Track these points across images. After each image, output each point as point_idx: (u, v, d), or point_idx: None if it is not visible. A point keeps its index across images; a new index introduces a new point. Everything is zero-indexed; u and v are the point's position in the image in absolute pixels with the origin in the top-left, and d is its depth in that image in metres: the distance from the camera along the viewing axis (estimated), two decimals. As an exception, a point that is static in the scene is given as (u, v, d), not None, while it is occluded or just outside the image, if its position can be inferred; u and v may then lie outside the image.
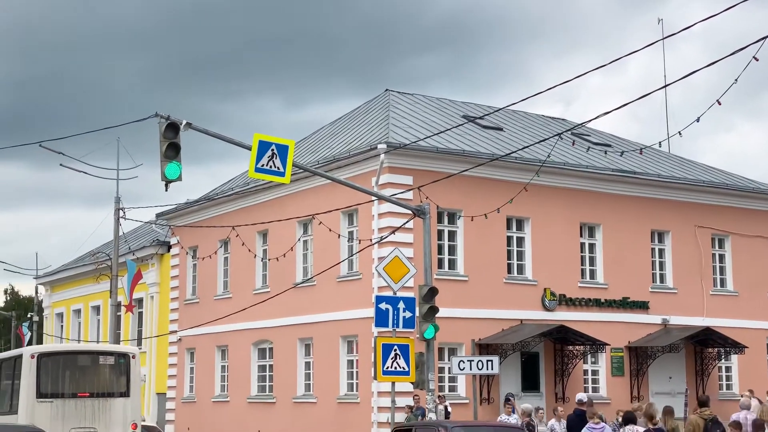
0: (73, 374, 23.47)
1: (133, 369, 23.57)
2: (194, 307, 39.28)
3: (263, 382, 35.54)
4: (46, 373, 22.87)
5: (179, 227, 40.39)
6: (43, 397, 22.50)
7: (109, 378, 23.62)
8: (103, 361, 23.91)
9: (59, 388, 23.00)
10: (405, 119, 33.53)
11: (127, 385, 23.37)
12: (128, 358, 23.74)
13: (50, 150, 33.38)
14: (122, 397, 23.19)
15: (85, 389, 23.07)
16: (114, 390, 23.32)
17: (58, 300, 52.41)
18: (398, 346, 20.99)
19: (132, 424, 23.35)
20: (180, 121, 18.81)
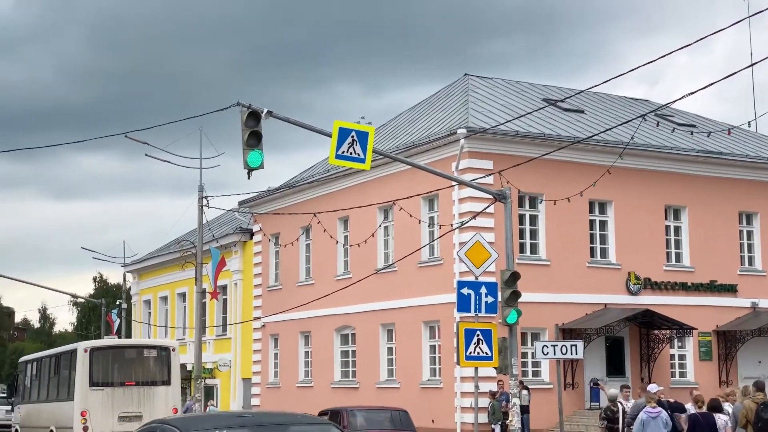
0: (121, 365, 26.57)
1: (173, 360, 26.76)
2: (277, 294, 39.70)
3: (346, 368, 35.77)
4: (98, 365, 26.12)
5: (261, 215, 40.82)
6: (95, 386, 25.72)
7: (152, 368, 26.74)
8: (147, 353, 27.16)
9: (109, 377, 26.21)
10: (485, 103, 33.31)
11: (168, 375, 26.60)
12: (169, 351, 27.06)
13: (136, 140, 34.10)
14: (164, 385, 26.41)
15: (132, 378, 26.32)
16: (157, 379, 26.55)
17: (145, 287, 53.46)
18: (481, 331, 20.88)
19: (173, 409, 26.36)
20: (261, 109, 18.96)
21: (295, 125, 20.67)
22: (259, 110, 18.96)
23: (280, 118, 19.84)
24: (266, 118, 19.10)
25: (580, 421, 28.75)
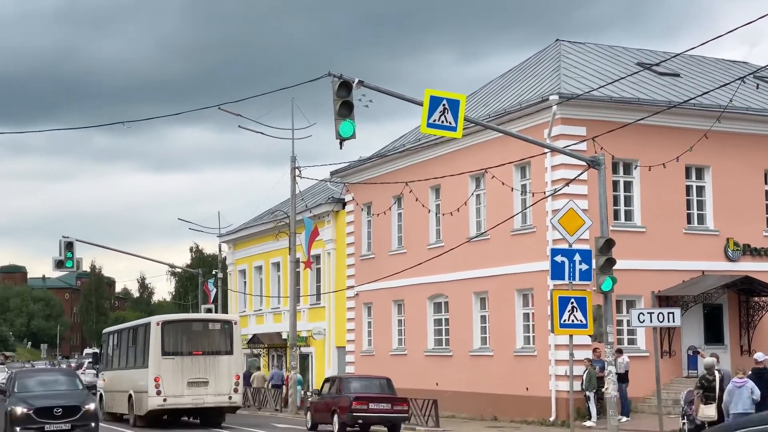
0: (189, 337, 29.56)
1: (235, 332, 29.80)
2: (370, 263, 39.98)
3: (439, 336, 35.92)
4: (169, 337, 29.23)
5: (353, 184, 41.07)
6: (166, 355, 28.89)
7: (216, 340, 29.61)
8: (212, 327, 30.10)
9: (179, 347, 29.25)
10: (577, 69, 32.83)
11: (231, 345, 29.57)
12: (231, 324, 30.15)
13: (229, 112, 34.64)
14: (227, 355, 29.33)
15: (199, 349, 29.29)
16: (221, 349, 29.41)
17: (240, 257, 54.36)
18: (575, 299, 20.76)
19: (235, 375, 29.51)
20: (352, 79, 19.05)
21: (386, 94, 20.74)
22: (351, 80, 19.05)
23: (371, 87, 19.92)
24: (357, 88, 19.19)
25: (678, 389, 28.37)
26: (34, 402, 23.48)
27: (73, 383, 25.42)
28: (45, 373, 29.02)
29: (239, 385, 29.67)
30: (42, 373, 29.30)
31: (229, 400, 29.19)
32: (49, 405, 23.37)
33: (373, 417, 26.28)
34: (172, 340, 29.24)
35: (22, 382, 25.18)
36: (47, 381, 25.60)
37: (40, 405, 23.28)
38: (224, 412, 29.96)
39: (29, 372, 28.89)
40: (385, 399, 26.68)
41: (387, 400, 26.60)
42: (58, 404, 23.39)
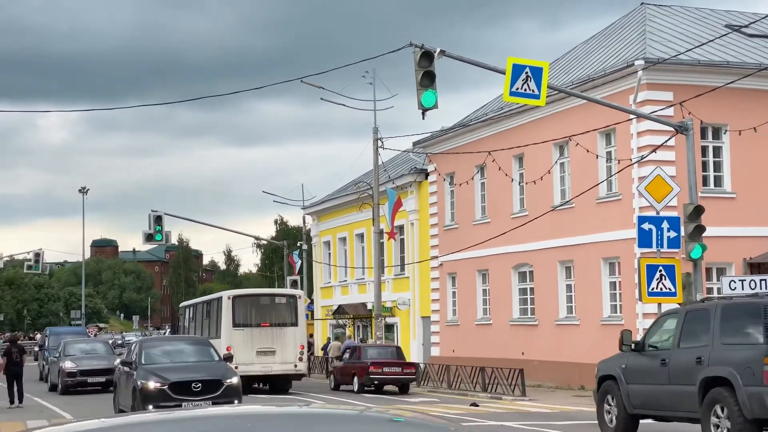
0: (257, 310, 31.97)
1: (299, 306, 32.29)
2: (453, 233, 39.94)
3: (524, 305, 35.77)
4: (239, 309, 31.63)
5: (436, 154, 40.98)
6: (237, 326, 31.14)
7: (283, 313, 32.02)
8: (279, 300, 32.76)
9: (248, 319, 31.53)
10: (663, 33, 32.14)
11: (296, 318, 31.93)
12: (296, 298, 32.75)
13: (311, 85, 34.86)
14: (292, 327, 31.63)
15: (266, 321, 31.58)
16: (287, 321, 31.74)
17: (324, 229, 54.78)
18: (663, 266, 20.44)
19: (300, 345, 31.83)
20: (434, 49, 18.96)
21: (468, 64, 20.61)
22: (432, 50, 18.97)
23: (453, 57, 19.82)
24: (439, 58, 19.11)
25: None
26: (168, 375, 20.21)
27: (207, 354, 22.14)
28: (173, 342, 24.99)
29: (304, 354, 32.23)
30: (170, 341, 26.13)
31: (295, 368, 31.65)
32: (185, 379, 20.20)
33: (387, 378, 31.15)
34: (242, 312, 31.66)
35: (150, 352, 21.76)
36: (177, 351, 22.29)
37: (175, 379, 20.09)
38: (291, 379, 32.26)
39: (157, 340, 28.96)
40: (397, 364, 31.64)
41: (398, 365, 31.63)
42: (195, 378, 20.25)
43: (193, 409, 5.63)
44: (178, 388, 19.97)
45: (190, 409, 17.07)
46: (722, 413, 14.06)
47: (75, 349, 34.41)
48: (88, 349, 34.91)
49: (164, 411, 5.21)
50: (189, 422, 4.81)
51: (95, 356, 33.90)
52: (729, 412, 13.87)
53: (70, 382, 32.26)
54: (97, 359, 33.32)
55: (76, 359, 33.11)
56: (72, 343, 35.62)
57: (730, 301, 15.45)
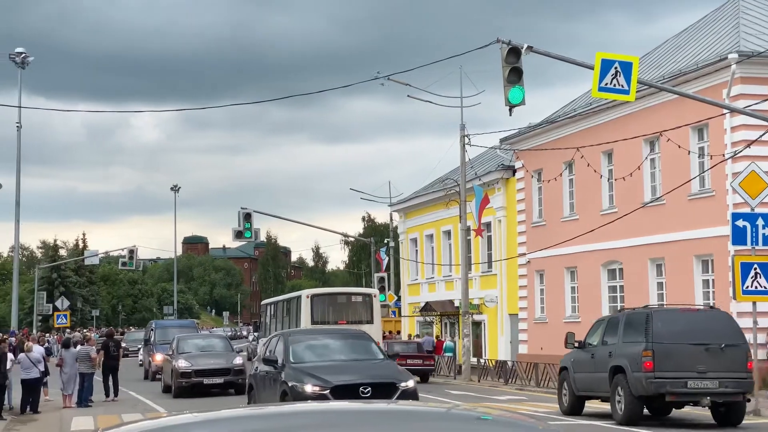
0: (334, 308, 33.09)
1: (375, 304, 33.31)
2: (541, 230, 39.61)
3: (614, 303, 35.28)
4: (317, 307, 32.70)
5: (523, 151, 40.70)
6: (315, 323, 31.47)
7: (359, 310, 32.96)
8: (355, 299, 33.88)
9: (326, 317, 32.47)
10: (758, 25, 31.36)
11: (371, 315, 32.81)
12: (371, 296, 33.82)
13: (398, 82, 34.92)
14: (368, 324, 31.50)
15: (343, 318, 32.31)
16: (363, 319, 32.24)
17: (411, 226, 54.86)
18: (759, 264, 19.99)
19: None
20: (521, 45, 18.84)
21: (556, 59, 20.43)
22: (519, 46, 18.85)
23: (540, 52, 19.66)
24: (527, 54, 18.99)
25: None
26: (328, 377, 16.68)
27: (369, 350, 18.80)
28: (325, 336, 20.78)
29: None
30: (321, 335, 21.38)
31: None
32: (351, 382, 16.65)
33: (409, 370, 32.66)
34: (319, 310, 32.76)
35: (299, 348, 18.29)
36: (331, 347, 18.97)
37: (338, 382, 16.54)
38: None
39: (305, 334, 21.92)
40: (418, 356, 35.83)
41: (419, 357, 35.86)
42: (363, 381, 16.62)
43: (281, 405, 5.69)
44: (342, 393, 16.06)
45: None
46: (621, 392, 19.01)
47: (189, 346, 31.10)
48: (203, 346, 31.70)
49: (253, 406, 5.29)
50: (278, 417, 4.87)
51: (212, 354, 30.51)
52: (624, 391, 18.89)
53: (185, 384, 28.73)
54: (214, 357, 30.07)
55: (190, 357, 29.69)
56: (186, 338, 32.35)
57: (632, 310, 20.71)
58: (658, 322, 18.83)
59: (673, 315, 19.99)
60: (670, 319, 19.41)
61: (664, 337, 18.54)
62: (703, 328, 19.00)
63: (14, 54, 48.29)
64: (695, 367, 18.35)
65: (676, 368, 18.36)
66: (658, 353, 18.35)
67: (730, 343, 18.61)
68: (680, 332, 18.73)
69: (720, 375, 18.36)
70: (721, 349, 18.49)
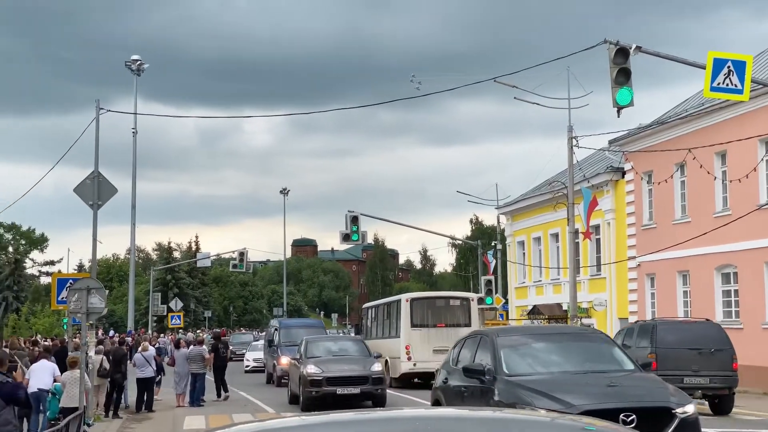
0: (433, 312, 33.61)
1: (472, 308, 33.77)
2: (651, 232, 38.87)
3: (728, 308, 34.40)
4: (416, 311, 33.38)
5: (633, 152, 40.01)
6: (415, 327, 32.82)
7: (457, 314, 33.44)
8: (453, 303, 34.27)
9: (425, 320, 33.18)
10: None
11: (469, 319, 33.22)
12: (469, 300, 34.31)
13: (505, 84, 34.72)
14: (466, 327, 31.63)
15: (442, 321, 33.09)
16: (461, 322, 32.81)
17: (518, 228, 54.47)
18: None
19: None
20: (629, 45, 18.58)
21: (666, 59, 20.07)
22: (628, 46, 18.58)
23: (649, 52, 19.34)
24: (635, 54, 18.71)
25: None
26: (578, 399, 11.81)
27: (614, 360, 14.04)
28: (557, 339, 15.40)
29: None
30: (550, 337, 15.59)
31: None
32: (614, 406, 11.56)
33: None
34: (419, 314, 33.40)
35: (515, 354, 13.65)
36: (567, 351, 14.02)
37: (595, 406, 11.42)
38: None
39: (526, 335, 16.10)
40: None
41: None
42: (626, 406, 11.80)
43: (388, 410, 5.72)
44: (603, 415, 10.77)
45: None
46: None
47: (320, 349, 27.54)
48: (335, 350, 27.96)
49: (360, 410, 5.33)
50: (384, 423, 4.92)
51: (346, 358, 26.86)
52: None
53: (314, 393, 24.90)
54: (349, 362, 26.43)
55: (321, 362, 26.06)
56: (316, 341, 28.87)
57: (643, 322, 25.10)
58: (661, 332, 23.51)
59: (674, 325, 24.93)
60: (671, 329, 24.10)
61: (665, 343, 23.05)
62: (697, 336, 23.64)
63: (130, 62, 49.76)
64: (690, 366, 22.70)
65: (674, 368, 22.25)
66: (660, 355, 22.67)
67: (718, 348, 23.13)
68: (679, 339, 23.30)
69: (710, 373, 22.48)
70: (711, 353, 22.98)
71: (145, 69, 50.11)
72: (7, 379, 13.19)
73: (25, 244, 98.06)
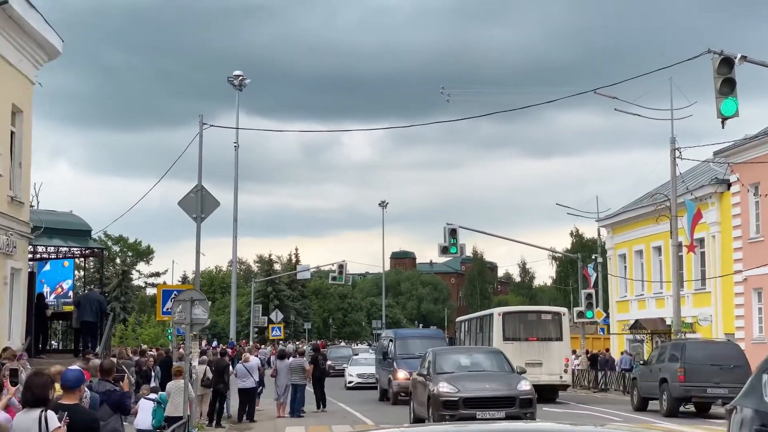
0: (525, 325, 34.32)
1: (563, 322, 34.40)
2: (759, 246, 37.87)
3: (840, 324, 33.31)
4: (508, 325, 34.11)
5: (738, 164, 39.06)
6: (507, 340, 33.17)
7: (548, 328, 34.21)
8: (544, 317, 35.03)
9: (517, 334, 33.81)
10: None
11: (561, 333, 34.07)
12: (560, 315, 34.91)
13: (605, 96, 34.28)
14: (557, 341, 33.76)
15: (533, 335, 33.87)
16: (552, 336, 33.88)
17: (620, 241, 53.63)
18: None
19: (564, 359, 34.08)
20: (734, 55, 18.20)
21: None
22: (732, 56, 18.21)
23: (755, 62, 18.92)
24: (740, 64, 18.31)
25: None
26: None
27: None
28: None
29: (568, 366, 34.64)
30: None
31: (560, 379, 33.69)
32: None
33: None
34: (511, 327, 34.03)
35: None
36: None
37: None
38: (557, 390, 33.81)
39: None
40: None
41: None
42: None
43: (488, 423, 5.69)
44: None
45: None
46: (665, 395, 27.94)
47: (451, 363, 23.60)
48: (468, 364, 24.04)
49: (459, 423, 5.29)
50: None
51: (483, 375, 23.00)
52: (667, 395, 27.49)
53: (448, 417, 20.67)
54: (488, 380, 22.51)
55: (454, 379, 22.10)
56: (445, 353, 25.05)
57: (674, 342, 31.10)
58: (690, 350, 28.03)
59: (700, 344, 30.24)
60: (697, 347, 28.85)
61: (692, 360, 27.38)
62: (719, 354, 27.97)
63: (232, 77, 50.70)
64: (712, 380, 26.87)
65: (699, 381, 26.95)
66: (687, 370, 27.12)
67: (737, 365, 26.74)
68: (703, 356, 27.61)
69: (729, 385, 25.12)
70: (731, 368, 26.58)
71: (248, 84, 51.01)
72: (114, 387, 13.58)
73: (132, 256, 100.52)
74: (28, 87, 25.06)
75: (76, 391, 9.86)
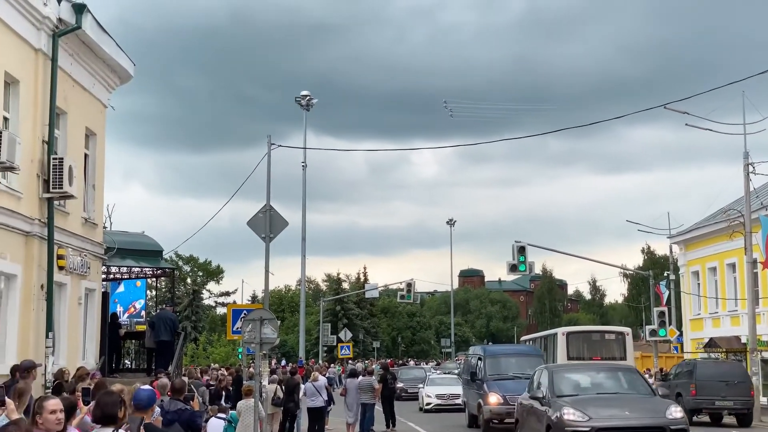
0: (589, 345, 34.65)
1: (627, 342, 34.49)
2: (838, 262, 36.91)
3: None
4: (572, 344, 34.59)
5: (815, 178, 38.17)
6: (571, 359, 33.27)
7: (612, 348, 34.20)
8: (608, 336, 35.18)
9: (581, 353, 34.04)
10: None
11: (624, 352, 33.98)
12: (624, 335, 35.06)
13: (675, 111, 33.86)
14: (621, 360, 32.44)
15: (597, 355, 33.70)
16: (616, 356, 33.47)
17: (692, 258, 52.73)
18: None
19: None
20: (809, 67, 17.79)
21: None
22: (807, 68, 17.81)
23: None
24: (815, 76, 17.90)
25: None
26: None
27: None
28: None
29: None
30: None
31: None
32: None
33: None
34: (575, 347, 34.45)
35: None
36: None
37: None
38: None
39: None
40: None
41: None
42: None
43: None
44: None
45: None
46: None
47: (570, 384, 19.18)
48: (594, 385, 19.32)
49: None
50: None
51: (618, 399, 18.34)
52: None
53: None
54: (626, 405, 17.85)
55: (582, 404, 17.62)
56: (564, 371, 20.48)
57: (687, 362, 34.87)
58: (700, 368, 32.82)
59: (709, 364, 35.34)
60: (707, 366, 33.69)
61: (702, 377, 31.85)
62: (726, 371, 32.49)
63: (300, 97, 51.15)
64: (719, 393, 31.13)
65: (708, 395, 31.36)
66: (698, 386, 31.57)
67: (741, 381, 31.52)
68: (712, 374, 32.04)
69: (734, 398, 30.64)
70: (735, 384, 31.25)
71: (315, 103, 51.40)
72: (185, 406, 13.70)
73: (203, 276, 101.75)
74: (101, 110, 25.55)
75: (148, 411, 9.98)
